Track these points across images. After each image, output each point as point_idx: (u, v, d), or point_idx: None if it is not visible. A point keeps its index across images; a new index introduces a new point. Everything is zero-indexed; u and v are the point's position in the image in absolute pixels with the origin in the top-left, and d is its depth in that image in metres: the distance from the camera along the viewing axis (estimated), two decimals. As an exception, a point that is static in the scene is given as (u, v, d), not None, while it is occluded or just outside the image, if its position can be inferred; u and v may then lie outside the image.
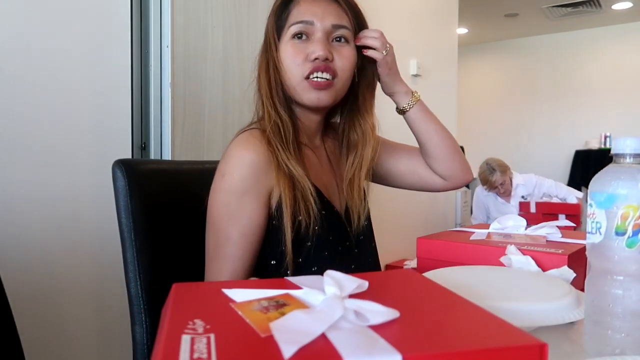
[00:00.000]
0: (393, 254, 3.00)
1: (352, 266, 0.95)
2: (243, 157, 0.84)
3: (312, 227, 0.86)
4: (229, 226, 0.85)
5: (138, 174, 0.95)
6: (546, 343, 0.36)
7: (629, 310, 0.53)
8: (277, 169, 0.85)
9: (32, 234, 1.30)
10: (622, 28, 5.93)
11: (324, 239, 0.88)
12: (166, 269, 0.95)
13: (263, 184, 0.85)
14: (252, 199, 0.84)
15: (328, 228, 0.89)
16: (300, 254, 0.87)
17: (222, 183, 0.85)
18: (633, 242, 0.53)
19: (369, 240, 1.02)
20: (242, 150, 0.85)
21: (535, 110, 6.46)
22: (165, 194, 1.01)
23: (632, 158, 0.55)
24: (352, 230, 0.95)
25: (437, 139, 1.07)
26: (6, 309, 0.85)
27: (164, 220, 0.98)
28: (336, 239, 0.92)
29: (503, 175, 3.14)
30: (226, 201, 0.85)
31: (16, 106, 1.28)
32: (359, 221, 0.97)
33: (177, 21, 1.66)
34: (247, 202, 0.84)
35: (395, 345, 0.35)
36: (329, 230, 0.89)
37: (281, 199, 0.85)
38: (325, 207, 0.90)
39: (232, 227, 0.85)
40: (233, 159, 0.85)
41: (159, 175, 1.02)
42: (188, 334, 0.38)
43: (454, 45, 3.71)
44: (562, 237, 0.95)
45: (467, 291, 0.57)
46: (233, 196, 0.84)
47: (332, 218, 0.91)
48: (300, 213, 0.85)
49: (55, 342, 1.36)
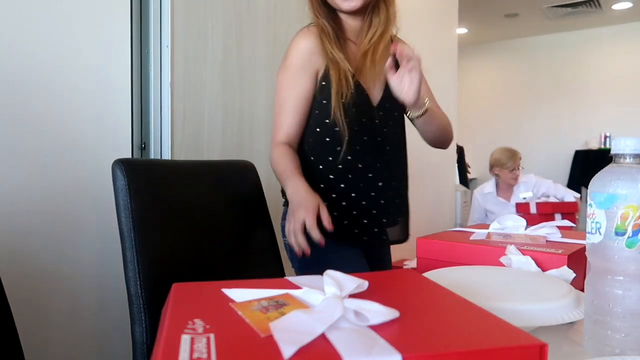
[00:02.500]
0: (393, 254, 3.00)
1: (378, 138, 1.20)
2: (298, 43, 1.16)
3: (346, 98, 1.12)
4: (287, 91, 1.16)
5: (138, 174, 0.95)
6: (546, 343, 0.36)
7: (629, 310, 0.53)
8: (325, 54, 1.13)
9: (32, 234, 1.30)
10: (622, 28, 5.93)
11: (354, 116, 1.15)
12: (166, 268, 0.95)
13: (313, 63, 1.15)
14: (304, 72, 1.15)
15: (354, 103, 1.14)
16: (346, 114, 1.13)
17: (284, 63, 1.17)
18: (633, 242, 0.53)
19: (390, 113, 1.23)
20: (298, 38, 1.17)
21: (535, 110, 6.46)
22: (165, 194, 1.01)
23: (632, 158, 0.55)
24: (373, 104, 1.19)
25: (431, 137, 1.32)
26: (6, 308, 0.85)
27: (164, 220, 0.98)
28: (359, 112, 1.16)
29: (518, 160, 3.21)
30: (286, 74, 1.16)
31: (16, 106, 1.28)
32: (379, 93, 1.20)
33: (176, 21, 1.66)
34: (301, 74, 1.15)
35: (395, 345, 0.35)
36: (354, 104, 1.14)
37: (328, 76, 1.13)
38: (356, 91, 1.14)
39: (289, 92, 1.15)
40: (292, 45, 1.17)
41: (159, 175, 1.02)
42: (188, 333, 0.38)
43: (453, 45, 3.71)
44: (562, 237, 0.95)
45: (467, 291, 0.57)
46: (291, 70, 1.16)
47: (359, 95, 1.15)
48: (341, 87, 1.12)
49: (55, 342, 1.36)
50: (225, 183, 1.16)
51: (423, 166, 3.33)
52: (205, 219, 1.06)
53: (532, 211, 3.00)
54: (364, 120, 1.17)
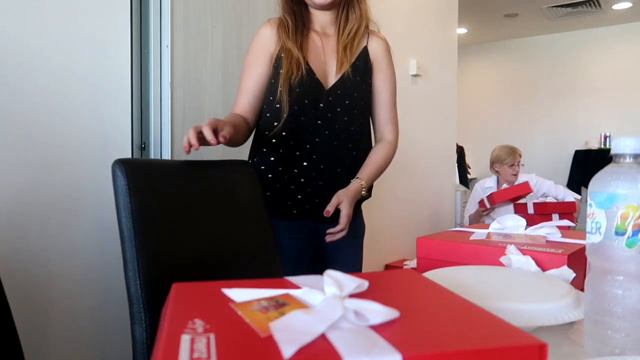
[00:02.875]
0: (393, 254, 3.00)
1: (318, 122, 1.27)
2: (259, 31, 1.33)
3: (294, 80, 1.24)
4: (245, 73, 1.31)
5: (138, 174, 0.95)
6: (546, 343, 0.36)
7: (629, 310, 0.53)
8: (280, 43, 1.28)
9: (32, 234, 1.30)
10: (622, 28, 5.93)
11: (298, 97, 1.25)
12: (166, 269, 0.95)
13: (268, 48, 1.29)
14: (260, 56, 1.30)
15: (301, 85, 1.25)
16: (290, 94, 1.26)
17: (248, 48, 1.33)
18: (633, 242, 0.53)
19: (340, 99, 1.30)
20: (260, 27, 1.33)
21: (535, 110, 6.46)
22: (165, 194, 1.01)
23: (632, 158, 0.55)
24: (324, 88, 1.29)
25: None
26: (5, 308, 0.85)
27: (164, 220, 0.98)
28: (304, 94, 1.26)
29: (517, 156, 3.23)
30: (247, 58, 1.32)
31: (16, 106, 1.28)
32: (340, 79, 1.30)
33: (176, 21, 1.66)
34: (258, 58, 1.30)
35: (395, 345, 0.35)
36: (300, 86, 1.25)
37: (280, 61, 1.26)
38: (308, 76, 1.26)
39: (246, 73, 1.30)
40: (256, 33, 1.33)
41: (159, 175, 1.02)
42: (188, 333, 0.38)
43: (453, 45, 3.71)
44: (562, 237, 0.95)
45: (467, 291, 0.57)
46: (250, 54, 1.32)
47: (309, 79, 1.27)
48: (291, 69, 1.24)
49: (55, 342, 1.36)
50: (225, 183, 1.16)
51: (423, 166, 3.33)
52: (205, 219, 1.06)
53: (530, 212, 3.00)
54: (307, 102, 1.26)
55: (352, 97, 1.30)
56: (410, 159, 3.14)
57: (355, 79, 1.31)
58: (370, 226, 2.81)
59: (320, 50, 1.32)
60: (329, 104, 1.28)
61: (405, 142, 3.22)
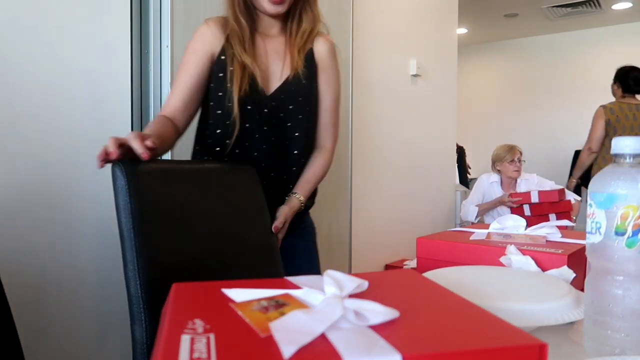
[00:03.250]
0: (393, 254, 3.00)
1: (264, 127, 1.22)
2: (199, 29, 1.24)
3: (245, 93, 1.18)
4: (181, 71, 1.22)
5: (138, 174, 0.95)
6: (546, 343, 0.36)
7: (629, 310, 0.53)
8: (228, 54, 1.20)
9: (31, 234, 1.30)
10: (622, 28, 5.93)
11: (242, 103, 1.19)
12: (166, 268, 0.95)
13: (207, 48, 1.22)
14: (197, 56, 1.21)
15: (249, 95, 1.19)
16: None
17: (185, 49, 1.24)
18: (633, 242, 0.53)
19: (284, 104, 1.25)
20: (201, 26, 1.25)
21: (535, 110, 6.46)
22: (165, 194, 1.01)
23: (632, 158, 0.55)
24: (266, 94, 1.23)
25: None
26: (5, 308, 0.85)
27: (164, 220, 0.98)
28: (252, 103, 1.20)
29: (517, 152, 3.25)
30: (184, 56, 1.23)
31: (16, 106, 1.28)
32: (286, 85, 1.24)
33: (176, 21, 1.66)
34: (195, 57, 1.21)
35: (395, 345, 0.35)
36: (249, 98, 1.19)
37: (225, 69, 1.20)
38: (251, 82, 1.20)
39: (182, 72, 1.22)
40: (195, 31, 1.25)
41: (159, 175, 1.02)
42: (188, 334, 0.38)
43: (453, 45, 3.71)
44: (562, 237, 0.95)
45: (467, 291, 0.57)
46: (188, 52, 1.23)
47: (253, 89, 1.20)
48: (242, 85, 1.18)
49: (54, 342, 1.36)
50: (225, 183, 1.16)
51: (423, 166, 3.33)
52: (205, 220, 1.06)
53: (527, 213, 3.00)
54: (249, 108, 1.20)
55: (296, 101, 1.25)
56: (410, 159, 3.14)
57: (300, 83, 1.25)
58: (371, 226, 2.82)
59: (263, 52, 1.26)
60: (272, 109, 1.23)
61: (405, 142, 3.24)
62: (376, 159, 2.82)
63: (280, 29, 1.29)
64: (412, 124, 3.14)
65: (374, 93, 2.78)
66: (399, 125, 3.02)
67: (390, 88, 2.93)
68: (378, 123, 2.82)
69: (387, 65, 2.90)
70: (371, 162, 2.77)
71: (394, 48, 2.95)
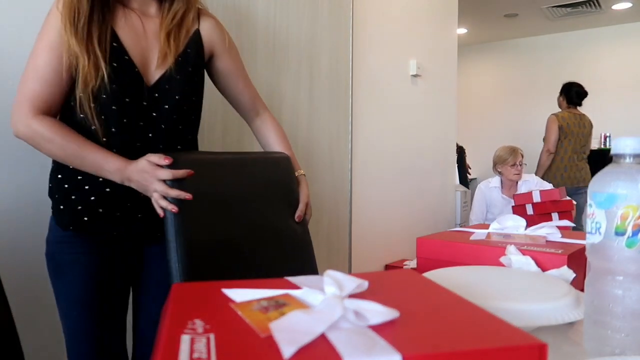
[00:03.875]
0: (393, 254, 3.00)
1: (140, 123, 1.08)
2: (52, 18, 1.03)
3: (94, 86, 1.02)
4: (41, 60, 1.04)
5: (178, 163, 1.00)
6: (546, 343, 0.36)
7: (629, 310, 0.53)
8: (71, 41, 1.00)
9: (31, 234, 1.30)
10: (622, 28, 5.93)
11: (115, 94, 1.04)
12: (203, 247, 0.99)
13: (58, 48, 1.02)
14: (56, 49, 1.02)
15: (124, 85, 1.05)
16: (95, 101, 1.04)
17: (40, 32, 1.05)
18: (633, 242, 0.53)
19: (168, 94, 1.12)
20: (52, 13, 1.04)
21: (535, 110, 6.46)
22: (205, 181, 1.05)
23: (632, 158, 0.55)
24: (147, 87, 1.09)
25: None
26: (6, 309, 0.85)
27: (202, 204, 1.02)
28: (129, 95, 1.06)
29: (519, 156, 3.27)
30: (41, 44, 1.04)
31: (16, 106, 1.28)
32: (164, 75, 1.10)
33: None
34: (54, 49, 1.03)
35: (395, 345, 0.35)
36: (121, 87, 1.05)
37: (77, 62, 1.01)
38: (123, 66, 1.05)
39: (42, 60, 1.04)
40: (49, 16, 1.05)
41: (200, 164, 1.06)
42: (188, 334, 0.38)
43: (453, 45, 3.71)
44: (562, 237, 0.95)
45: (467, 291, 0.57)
46: (45, 42, 1.03)
47: (127, 75, 1.06)
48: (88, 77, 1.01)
49: (54, 342, 1.35)
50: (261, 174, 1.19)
51: (423, 166, 3.33)
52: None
53: (529, 212, 3.00)
54: (127, 101, 1.06)
55: (182, 91, 1.12)
56: (410, 159, 3.14)
57: (186, 70, 1.12)
58: (371, 226, 2.82)
59: (141, 33, 1.09)
60: (153, 100, 1.09)
61: (405, 142, 3.23)
62: (376, 159, 2.82)
63: (157, 8, 1.13)
64: (412, 124, 3.14)
65: (374, 93, 2.78)
66: (399, 125, 3.02)
67: (390, 88, 2.93)
68: (378, 123, 2.82)
69: (387, 65, 2.90)
70: (371, 162, 2.77)
71: (394, 48, 2.95)
